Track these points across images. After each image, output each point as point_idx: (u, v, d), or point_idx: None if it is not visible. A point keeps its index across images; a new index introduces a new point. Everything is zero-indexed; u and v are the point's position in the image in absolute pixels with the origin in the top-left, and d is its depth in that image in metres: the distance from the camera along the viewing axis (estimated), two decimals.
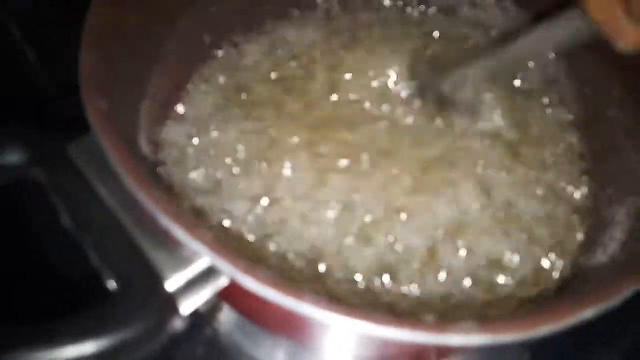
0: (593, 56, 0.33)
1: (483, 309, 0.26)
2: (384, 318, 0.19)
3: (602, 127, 0.32)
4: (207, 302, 0.36)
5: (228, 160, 0.33)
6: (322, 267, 0.29)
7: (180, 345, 0.36)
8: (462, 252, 0.29)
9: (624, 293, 0.20)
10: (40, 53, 0.43)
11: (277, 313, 0.25)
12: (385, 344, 0.27)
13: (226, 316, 0.36)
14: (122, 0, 0.28)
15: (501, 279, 0.28)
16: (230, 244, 0.29)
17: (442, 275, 0.29)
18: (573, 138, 0.34)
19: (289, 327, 0.31)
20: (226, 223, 0.31)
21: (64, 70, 0.26)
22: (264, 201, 0.31)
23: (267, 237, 0.30)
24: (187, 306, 0.23)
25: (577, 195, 0.32)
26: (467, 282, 0.28)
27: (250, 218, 0.31)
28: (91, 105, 0.23)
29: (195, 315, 0.36)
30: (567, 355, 0.34)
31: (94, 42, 0.25)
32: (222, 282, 0.23)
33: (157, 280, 0.21)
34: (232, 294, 0.30)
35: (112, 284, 0.21)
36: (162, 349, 0.35)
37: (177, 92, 0.35)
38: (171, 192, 0.31)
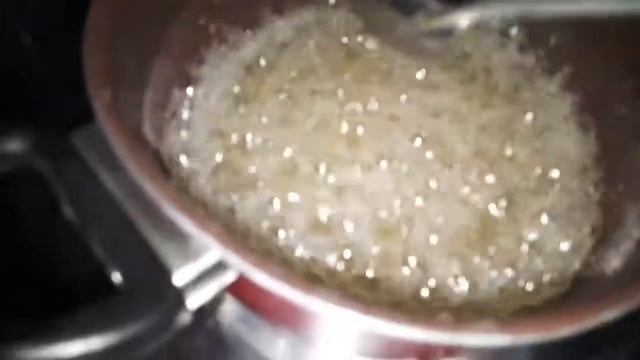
0: (601, 56, 0.33)
1: (498, 307, 0.26)
2: (401, 316, 0.18)
3: (612, 126, 0.32)
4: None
5: (234, 145, 0.33)
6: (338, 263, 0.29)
7: (183, 336, 0.35)
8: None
9: None
10: (37, 39, 0.43)
11: (284, 307, 0.25)
12: (395, 341, 0.26)
13: (229, 308, 0.35)
14: None
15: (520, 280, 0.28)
16: (238, 236, 0.29)
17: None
18: (584, 137, 0.33)
19: (294, 321, 0.30)
20: (235, 213, 0.30)
21: (63, 58, 0.25)
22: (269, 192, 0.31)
23: (274, 228, 0.30)
24: (195, 301, 0.22)
25: (590, 192, 0.31)
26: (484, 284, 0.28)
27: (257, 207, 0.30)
28: (96, 96, 0.23)
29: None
30: (572, 354, 0.34)
31: (98, 33, 0.25)
32: (230, 276, 0.23)
33: (164, 274, 0.20)
34: (238, 287, 0.30)
35: (117, 278, 0.20)
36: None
37: (180, 81, 0.35)
38: (176, 182, 0.30)
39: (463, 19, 0.25)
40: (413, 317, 0.18)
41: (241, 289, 0.29)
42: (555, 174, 0.32)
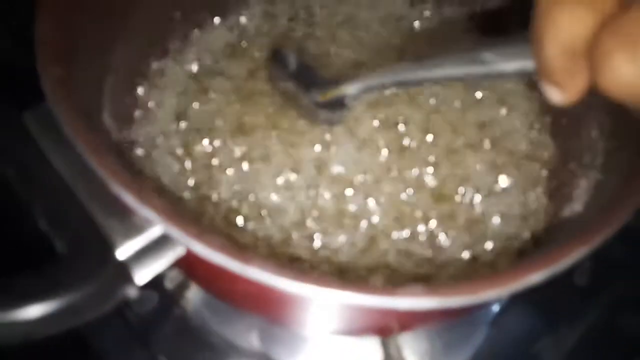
0: None
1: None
2: (332, 281, 0.19)
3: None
4: (172, 280, 0.36)
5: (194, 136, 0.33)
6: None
7: (150, 324, 0.36)
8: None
9: (569, 260, 0.20)
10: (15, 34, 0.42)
11: (238, 286, 0.25)
12: (349, 315, 0.27)
13: (194, 295, 0.36)
14: None
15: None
16: (184, 212, 0.29)
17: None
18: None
19: (253, 302, 0.31)
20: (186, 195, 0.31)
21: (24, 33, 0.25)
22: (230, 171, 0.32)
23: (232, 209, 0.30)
24: (143, 275, 0.23)
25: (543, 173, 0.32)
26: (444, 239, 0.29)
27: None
28: (46, 72, 0.23)
29: (164, 294, 0.36)
30: (530, 332, 0.34)
31: (51, 7, 0.25)
32: (179, 251, 0.23)
33: (107, 247, 0.21)
34: (194, 269, 0.30)
35: (62, 249, 0.21)
36: (131, 327, 0.36)
37: (143, 69, 0.35)
38: (134, 168, 0.31)
39: (350, 89, 0.29)
40: (344, 282, 0.19)
41: (198, 271, 0.30)
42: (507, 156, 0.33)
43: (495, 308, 0.35)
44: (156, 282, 0.36)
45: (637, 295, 0.36)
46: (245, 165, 0.32)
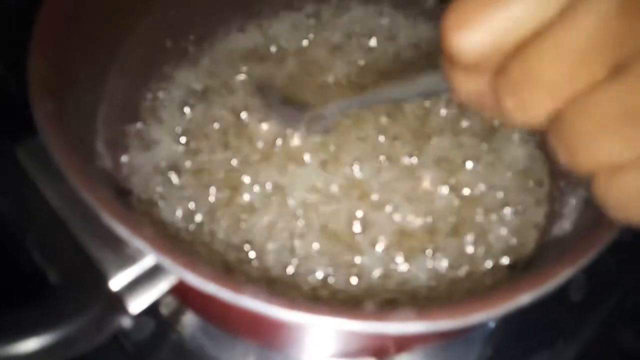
0: None
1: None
2: (323, 308, 0.19)
3: None
4: (167, 306, 0.36)
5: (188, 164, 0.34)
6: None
7: (146, 350, 0.36)
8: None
9: (559, 279, 0.20)
10: (9, 65, 0.43)
11: (234, 315, 0.26)
12: (345, 339, 0.27)
13: (190, 320, 0.36)
14: (75, 3, 0.28)
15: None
16: (176, 242, 0.29)
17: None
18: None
19: (247, 328, 0.31)
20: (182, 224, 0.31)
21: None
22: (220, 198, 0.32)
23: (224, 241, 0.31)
24: (137, 305, 0.23)
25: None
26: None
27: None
28: (39, 106, 0.24)
29: (159, 320, 0.36)
30: (526, 348, 0.35)
31: (45, 43, 0.25)
32: (171, 280, 0.23)
33: (100, 278, 0.21)
34: (191, 298, 0.30)
35: (54, 281, 0.21)
36: (128, 354, 0.36)
37: (136, 97, 0.35)
38: (121, 190, 0.31)
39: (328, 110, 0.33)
40: (336, 308, 0.19)
41: (193, 300, 0.30)
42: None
43: (491, 325, 0.35)
44: (152, 309, 0.35)
45: (632, 309, 0.36)
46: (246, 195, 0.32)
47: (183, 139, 0.34)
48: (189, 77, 0.37)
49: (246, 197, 0.32)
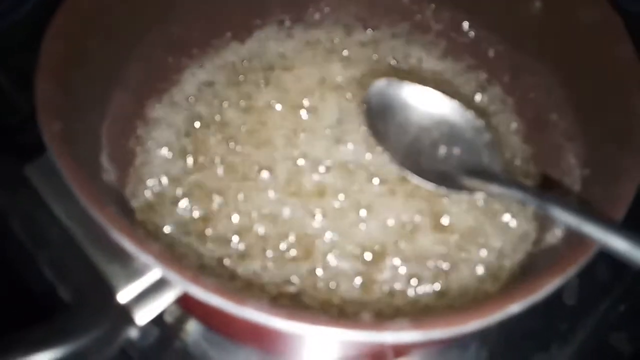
0: (537, 66, 0.35)
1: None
2: (322, 319, 0.20)
3: (546, 132, 0.34)
4: (171, 314, 0.37)
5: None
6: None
7: (151, 357, 0.37)
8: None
9: (546, 290, 0.21)
10: (11, 77, 0.44)
11: (236, 323, 0.26)
12: (344, 346, 0.28)
13: (193, 327, 0.37)
14: (80, 25, 0.29)
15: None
16: (183, 254, 0.30)
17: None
18: (519, 143, 0.35)
19: (250, 336, 0.32)
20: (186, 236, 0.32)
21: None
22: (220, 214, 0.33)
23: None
24: (143, 316, 0.24)
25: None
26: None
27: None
28: (46, 128, 0.25)
29: (164, 328, 0.37)
30: (522, 352, 0.35)
31: (51, 67, 0.26)
32: (176, 292, 0.24)
33: (109, 292, 0.22)
34: (194, 307, 0.31)
35: (67, 297, 0.22)
36: None
37: (140, 111, 0.36)
38: (126, 204, 0.32)
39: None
40: (335, 319, 0.20)
41: (196, 308, 0.31)
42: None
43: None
44: (156, 317, 0.36)
45: (624, 314, 0.37)
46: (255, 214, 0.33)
47: (186, 154, 0.35)
48: (190, 92, 0.38)
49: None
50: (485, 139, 0.32)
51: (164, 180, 0.34)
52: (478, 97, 0.38)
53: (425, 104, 0.34)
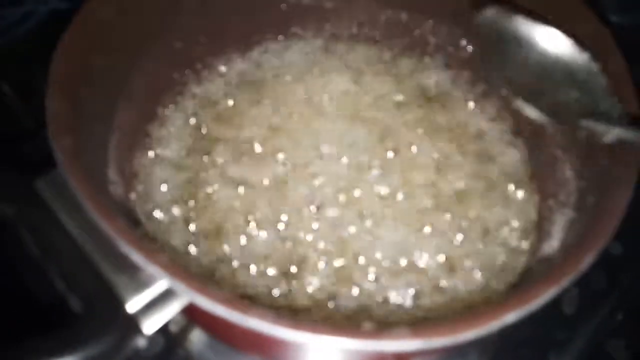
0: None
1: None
2: (326, 328, 0.21)
3: (543, 143, 0.34)
4: (176, 323, 0.38)
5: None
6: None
7: None
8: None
9: (542, 300, 0.21)
10: (16, 89, 0.45)
11: (240, 332, 0.27)
12: (348, 355, 0.28)
13: (198, 337, 0.37)
14: (87, 43, 0.30)
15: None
16: (189, 265, 0.31)
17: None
18: (518, 154, 0.36)
19: (254, 345, 0.32)
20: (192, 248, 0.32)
21: (39, 107, 0.27)
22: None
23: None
24: (150, 325, 0.24)
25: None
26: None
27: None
28: (57, 143, 0.25)
29: (169, 337, 0.38)
30: (523, 358, 0.36)
31: (60, 84, 0.27)
32: (182, 302, 0.25)
33: (118, 303, 0.23)
34: (199, 316, 0.32)
35: (76, 308, 0.22)
36: None
37: (146, 124, 0.37)
38: (133, 216, 0.33)
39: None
40: (337, 328, 0.21)
41: (202, 318, 0.32)
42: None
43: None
44: (162, 326, 0.37)
45: (622, 322, 0.37)
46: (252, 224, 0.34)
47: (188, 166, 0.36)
48: (195, 105, 0.39)
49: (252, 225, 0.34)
50: (602, 83, 0.30)
51: (169, 192, 0.35)
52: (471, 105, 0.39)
53: (541, 40, 0.32)
